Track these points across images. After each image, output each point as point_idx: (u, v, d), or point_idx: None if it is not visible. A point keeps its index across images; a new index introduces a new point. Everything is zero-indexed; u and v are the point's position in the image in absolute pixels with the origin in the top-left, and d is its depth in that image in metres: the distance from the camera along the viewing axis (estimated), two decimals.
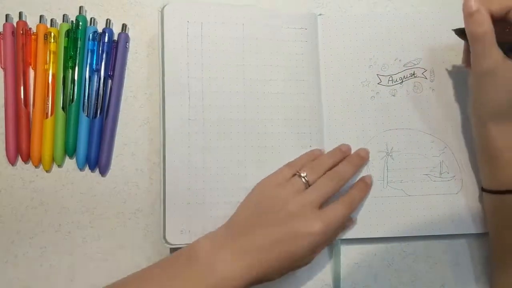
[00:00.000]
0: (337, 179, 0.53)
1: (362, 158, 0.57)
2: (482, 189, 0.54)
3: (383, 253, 0.57)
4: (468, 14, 0.48)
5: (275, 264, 0.48)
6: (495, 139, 0.51)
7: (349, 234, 0.56)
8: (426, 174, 0.57)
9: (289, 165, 0.55)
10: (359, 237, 0.56)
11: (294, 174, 0.53)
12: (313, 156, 0.56)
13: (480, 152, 0.54)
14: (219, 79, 0.56)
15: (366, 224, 0.56)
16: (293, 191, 0.51)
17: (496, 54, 0.48)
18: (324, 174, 0.54)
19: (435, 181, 0.57)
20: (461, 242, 0.57)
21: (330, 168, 0.55)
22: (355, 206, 0.54)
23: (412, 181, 0.57)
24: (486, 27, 0.47)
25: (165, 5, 0.56)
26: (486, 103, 0.50)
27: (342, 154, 0.56)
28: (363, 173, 0.57)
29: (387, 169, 0.57)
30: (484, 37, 0.47)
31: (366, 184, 0.57)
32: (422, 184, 0.57)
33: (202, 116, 0.55)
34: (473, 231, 0.56)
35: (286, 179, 0.53)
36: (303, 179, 0.52)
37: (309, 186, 0.52)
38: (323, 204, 0.52)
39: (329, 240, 0.55)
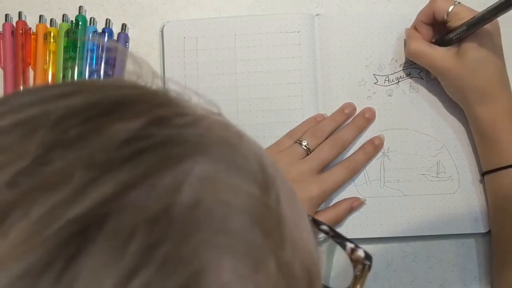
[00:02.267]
0: (338, 144, 0.55)
1: (368, 120, 0.57)
2: (483, 174, 0.55)
3: (382, 253, 0.57)
4: (406, 37, 0.57)
5: None
6: (483, 118, 0.53)
7: (347, 234, 0.55)
8: (423, 174, 0.57)
9: (289, 134, 0.56)
10: (356, 237, 0.56)
11: (295, 142, 0.55)
12: (315, 122, 0.57)
13: (474, 133, 0.55)
14: (213, 88, 0.58)
15: (363, 224, 0.56)
16: (293, 158, 0.53)
17: (439, 55, 0.53)
18: (326, 139, 0.55)
19: (432, 181, 0.57)
20: (460, 242, 0.57)
21: (334, 131, 0.56)
22: (358, 169, 0.56)
23: (409, 181, 0.57)
24: (417, 40, 0.55)
25: (164, 25, 0.59)
26: (458, 93, 0.54)
27: (346, 117, 0.57)
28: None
29: (384, 169, 0.57)
30: (419, 49, 0.54)
31: (374, 147, 0.57)
32: (419, 184, 0.57)
33: None
34: (470, 231, 0.56)
35: (287, 147, 0.55)
36: (303, 146, 0.54)
37: (310, 152, 0.54)
38: (324, 168, 0.54)
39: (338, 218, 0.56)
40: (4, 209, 0.15)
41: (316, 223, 0.29)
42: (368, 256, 0.29)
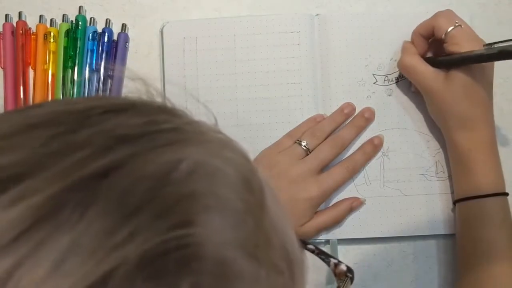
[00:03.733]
0: (337, 144, 0.55)
1: (367, 120, 0.57)
2: (455, 202, 0.55)
3: (382, 253, 0.57)
4: (402, 49, 0.57)
5: None
6: (460, 145, 0.53)
7: (347, 234, 0.56)
8: (422, 174, 0.57)
9: (289, 134, 0.57)
10: (356, 237, 0.56)
11: (294, 143, 0.55)
12: (314, 122, 0.57)
13: (450, 158, 0.55)
14: (213, 88, 0.58)
15: (363, 224, 0.56)
16: (293, 159, 0.54)
17: (428, 74, 0.53)
18: (325, 139, 0.55)
19: (431, 180, 0.57)
20: None
21: (333, 131, 0.56)
22: (357, 169, 0.56)
23: (408, 180, 0.57)
24: (411, 55, 0.55)
25: (164, 25, 0.59)
26: (439, 115, 0.54)
27: (345, 117, 0.57)
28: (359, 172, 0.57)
29: (383, 169, 0.57)
30: (412, 64, 0.54)
31: (373, 146, 0.57)
32: (418, 184, 0.57)
33: None
34: None
35: (286, 148, 0.55)
36: (303, 146, 0.54)
37: (310, 152, 0.54)
38: (323, 168, 0.54)
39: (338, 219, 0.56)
40: (39, 160, 0.20)
41: (302, 243, 0.31)
42: (350, 270, 0.32)
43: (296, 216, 0.53)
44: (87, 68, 0.58)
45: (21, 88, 0.57)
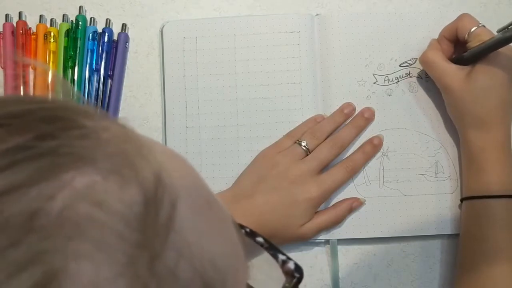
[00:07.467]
0: (337, 145, 0.55)
1: (367, 120, 0.57)
2: (462, 200, 0.55)
3: (382, 253, 0.57)
4: (428, 46, 0.57)
5: (275, 226, 0.52)
6: (474, 143, 0.53)
7: (347, 234, 0.56)
8: (422, 174, 0.57)
9: (289, 134, 0.57)
10: (355, 237, 0.56)
11: (294, 143, 0.55)
12: (314, 122, 0.57)
13: (462, 156, 0.55)
14: (212, 88, 0.58)
15: (363, 224, 0.56)
16: (293, 159, 0.54)
17: (450, 72, 0.53)
18: (325, 139, 0.55)
19: (430, 181, 0.57)
20: None
21: (333, 131, 0.56)
22: (357, 170, 0.56)
23: (408, 181, 0.57)
24: (435, 51, 0.55)
25: (164, 25, 0.60)
26: (456, 114, 0.54)
27: (345, 117, 0.57)
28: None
29: (383, 169, 0.57)
30: (434, 59, 0.54)
31: (373, 146, 0.57)
32: (418, 184, 0.57)
33: (198, 124, 0.58)
34: None
35: (286, 148, 0.55)
36: (303, 147, 0.54)
37: (310, 152, 0.54)
38: (323, 169, 0.55)
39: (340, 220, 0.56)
40: None
41: (252, 235, 0.29)
42: (298, 269, 0.29)
43: (296, 217, 0.53)
44: (87, 68, 0.58)
45: (21, 88, 0.58)
